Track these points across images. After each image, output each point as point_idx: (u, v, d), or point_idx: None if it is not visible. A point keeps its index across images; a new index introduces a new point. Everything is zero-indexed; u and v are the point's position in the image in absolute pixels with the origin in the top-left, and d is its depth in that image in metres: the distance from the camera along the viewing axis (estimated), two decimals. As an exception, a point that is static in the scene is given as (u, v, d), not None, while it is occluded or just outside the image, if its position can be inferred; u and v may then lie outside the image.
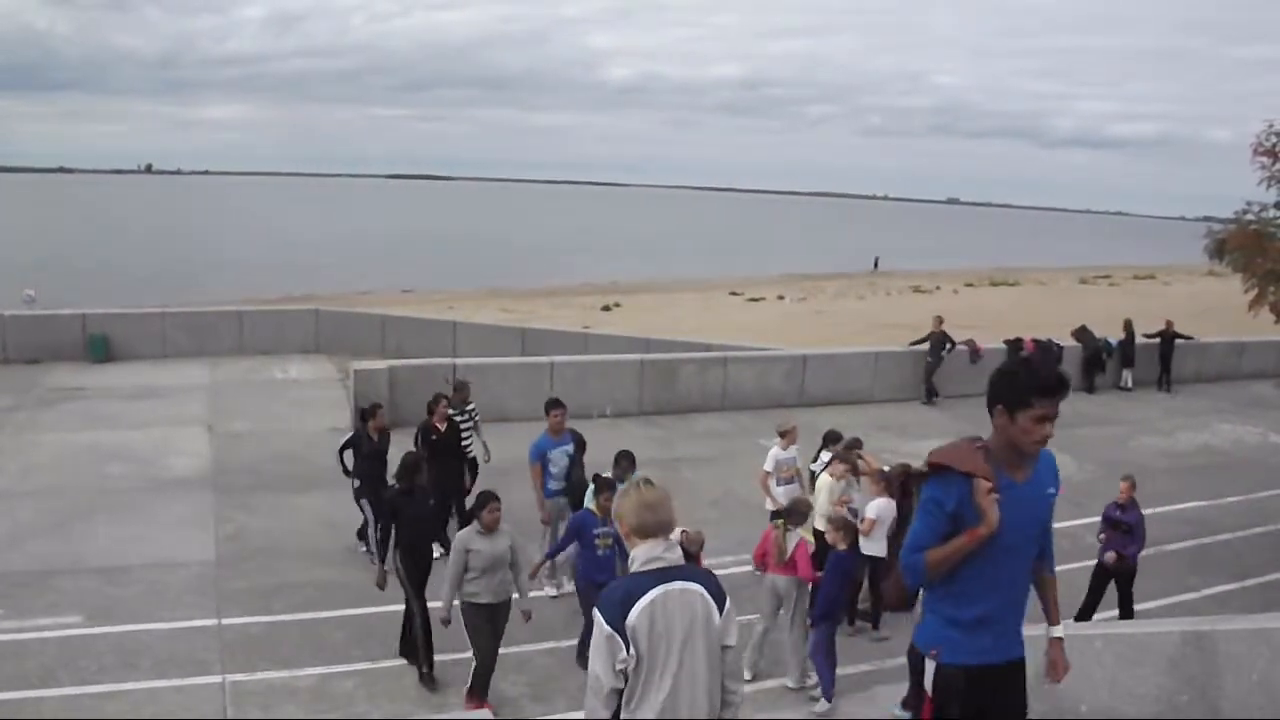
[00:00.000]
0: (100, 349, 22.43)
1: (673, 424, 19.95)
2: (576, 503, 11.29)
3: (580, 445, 12.18)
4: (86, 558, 12.14)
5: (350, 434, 13.07)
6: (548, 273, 64.04)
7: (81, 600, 10.96)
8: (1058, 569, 4.97)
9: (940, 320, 23.48)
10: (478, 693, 9.10)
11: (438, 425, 12.81)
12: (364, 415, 12.89)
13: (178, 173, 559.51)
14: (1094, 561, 12.76)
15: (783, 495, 12.04)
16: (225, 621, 10.71)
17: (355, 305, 33.12)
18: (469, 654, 9.18)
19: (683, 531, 8.43)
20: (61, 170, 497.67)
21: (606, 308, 43.65)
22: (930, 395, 22.94)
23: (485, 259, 74.47)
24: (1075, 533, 13.93)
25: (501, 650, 10.48)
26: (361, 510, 12.22)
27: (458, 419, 13.34)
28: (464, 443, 13.38)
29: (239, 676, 9.59)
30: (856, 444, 12.28)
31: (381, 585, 9.79)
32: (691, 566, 4.56)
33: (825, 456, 12.39)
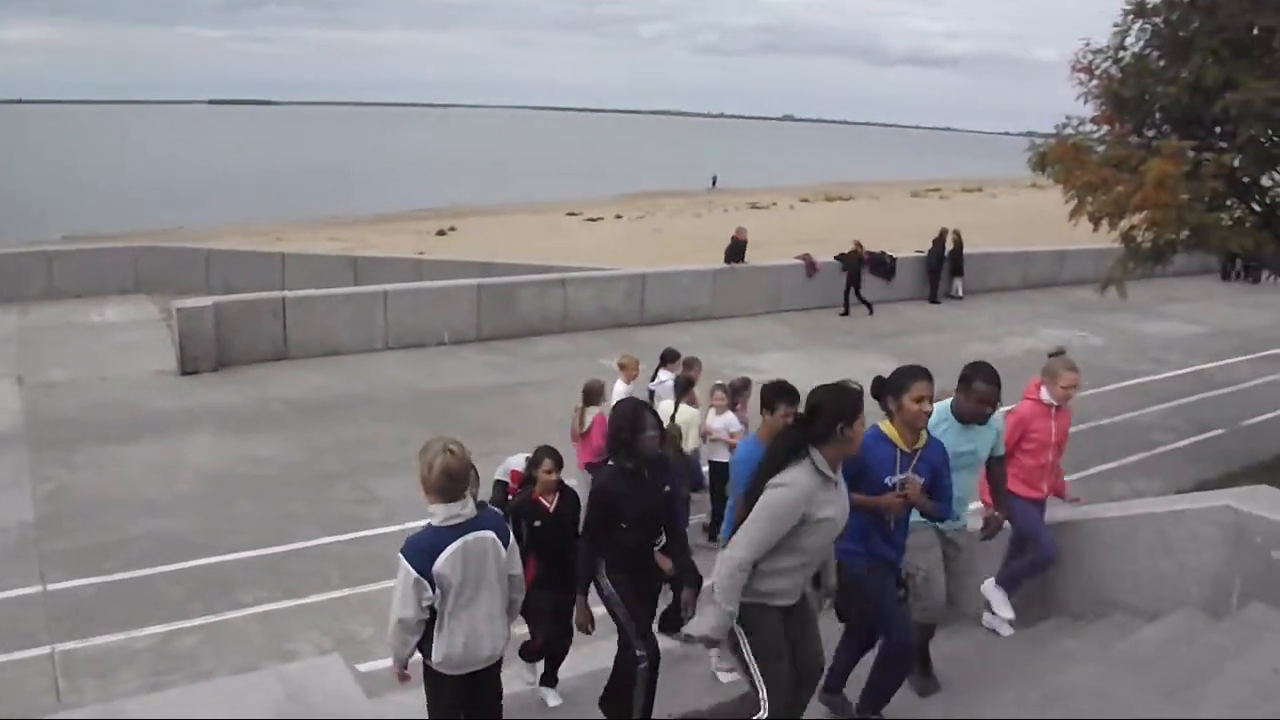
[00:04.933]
0: (-111, 300, 20.86)
1: (513, 348, 19.76)
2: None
3: None
4: (-111, 530, 11.27)
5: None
6: (380, 199, 62.43)
7: (-115, 577, 10.18)
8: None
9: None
10: None
11: (543, 500, 7.30)
12: (529, 467, 7.41)
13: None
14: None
15: None
16: (51, 587, 10.05)
17: (175, 240, 31.77)
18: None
19: None
20: None
21: (441, 232, 42.88)
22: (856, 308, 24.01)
23: (314, 187, 72.19)
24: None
25: (348, 591, 10.21)
26: None
27: None
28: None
29: (70, 645, 9.01)
30: (694, 363, 12.25)
31: None
32: (482, 515, 5.33)
33: (664, 375, 12.33)
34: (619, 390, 12.01)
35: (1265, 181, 14.89)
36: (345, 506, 12.16)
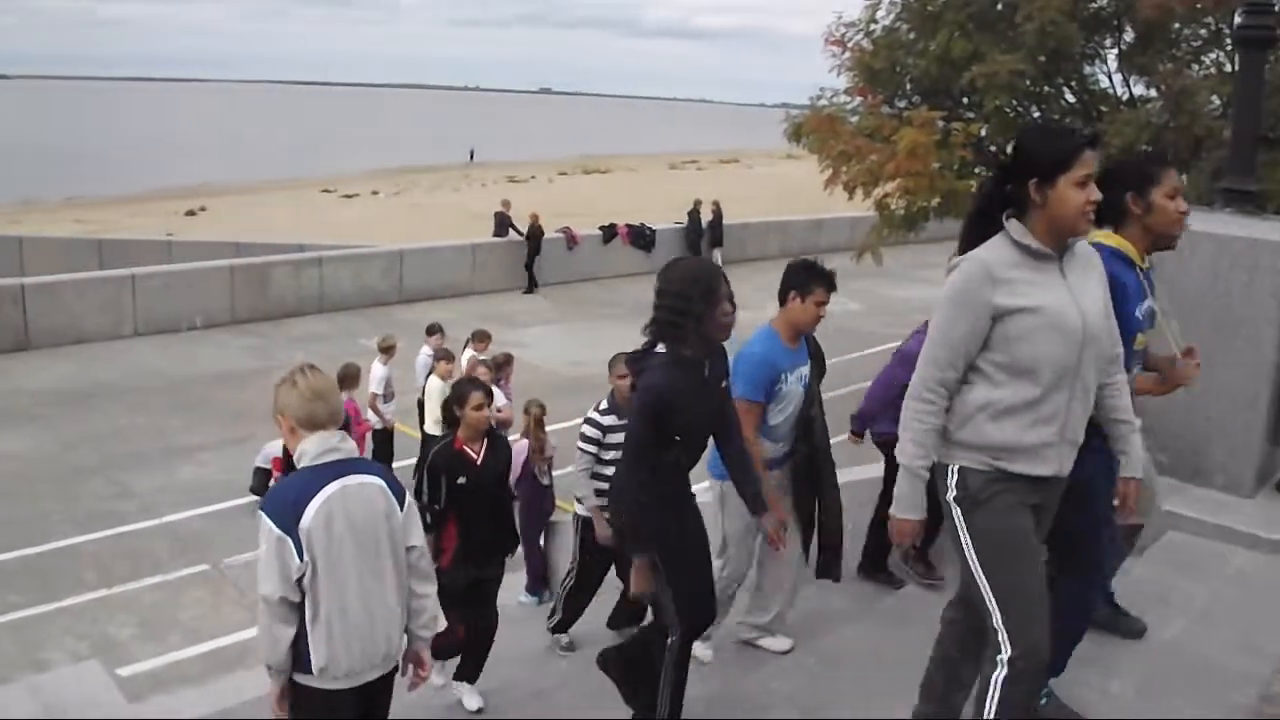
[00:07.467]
0: None
1: (269, 330, 19.43)
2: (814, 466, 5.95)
3: (820, 364, 6.05)
4: None
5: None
6: (125, 179, 59.18)
7: None
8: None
9: (536, 215, 24.14)
10: None
11: (468, 449, 5.92)
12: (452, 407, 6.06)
13: None
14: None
15: (391, 413, 11.95)
16: None
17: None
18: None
19: None
20: None
21: (191, 212, 41.19)
22: (531, 285, 23.45)
23: (53, 167, 67.83)
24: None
25: (105, 591, 9.84)
26: None
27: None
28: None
29: None
30: (484, 335, 12.50)
31: None
32: (366, 460, 4.14)
33: (427, 349, 12.38)
34: (377, 371, 11.99)
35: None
36: (99, 502, 11.74)
